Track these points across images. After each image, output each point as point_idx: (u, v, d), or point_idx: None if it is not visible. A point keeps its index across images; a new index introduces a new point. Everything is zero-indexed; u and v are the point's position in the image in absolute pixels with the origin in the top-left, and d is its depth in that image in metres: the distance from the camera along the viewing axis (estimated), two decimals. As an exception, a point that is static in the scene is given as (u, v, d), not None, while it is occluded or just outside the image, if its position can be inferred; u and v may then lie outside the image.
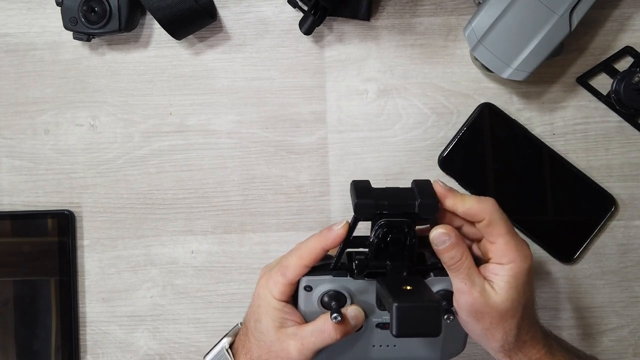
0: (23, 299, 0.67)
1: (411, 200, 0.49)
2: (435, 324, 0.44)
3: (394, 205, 0.49)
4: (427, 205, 0.49)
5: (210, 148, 0.67)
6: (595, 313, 0.66)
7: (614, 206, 0.65)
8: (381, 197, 0.49)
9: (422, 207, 0.49)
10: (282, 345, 0.52)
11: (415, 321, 0.44)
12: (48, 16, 0.67)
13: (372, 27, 0.66)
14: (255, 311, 0.54)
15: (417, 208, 0.49)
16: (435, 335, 0.44)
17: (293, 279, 0.52)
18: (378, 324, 0.53)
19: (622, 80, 0.63)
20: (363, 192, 0.50)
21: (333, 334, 0.51)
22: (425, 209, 0.49)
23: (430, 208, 0.49)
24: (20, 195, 0.68)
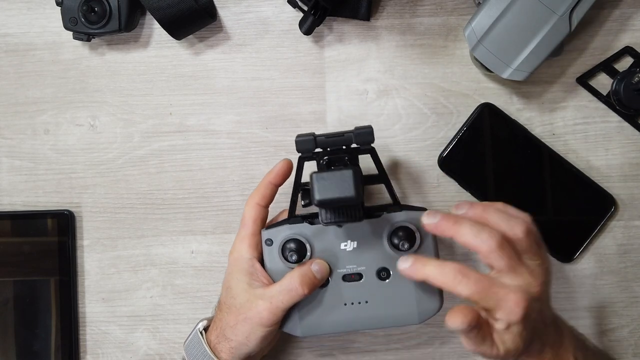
0: (23, 299, 0.67)
1: (348, 132, 0.52)
2: (351, 186, 0.47)
3: (331, 137, 0.52)
4: (362, 134, 0.51)
5: (210, 148, 0.67)
6: (595, 313, 0.66)
7: (614, 206, 0.65)
8: (320, 135, 0.52)
9: (357, 136, 0.52)
10: (251, 306, 0.53)
11: (333, 186, 0.47)
12: (48, 16, 0.67)
13: (372, 27, 0.66)
14: (226, 280, 0.57)
15: (354, 138, 0.52)
16: (353, 199, 0.47)
17: (252, 224, 0.56)
18: (344, 276, 0.55)
19: (622, 80, 0.63)
20: (303, 135, 0.53)
21: (300, 289, 0.53)
22: (360, 137, 0.52)
23: (366, 135, 0.52)
24: (20, 195, 0.68)
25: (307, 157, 0.54)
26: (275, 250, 0.55)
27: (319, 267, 0.54)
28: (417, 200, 0.66)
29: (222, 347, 0.55)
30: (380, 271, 0.54)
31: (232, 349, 0.55)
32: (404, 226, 0.54)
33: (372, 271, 0.54)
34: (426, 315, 0.55)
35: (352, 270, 0.54)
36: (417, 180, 0.66)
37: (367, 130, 0.52)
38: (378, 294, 0.54)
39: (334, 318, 0.55)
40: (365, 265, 0.54)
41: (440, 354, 0.66)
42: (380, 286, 0.54)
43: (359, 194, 0.47)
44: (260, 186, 0.57)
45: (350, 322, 0.55)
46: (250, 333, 0.54)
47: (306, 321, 0.55)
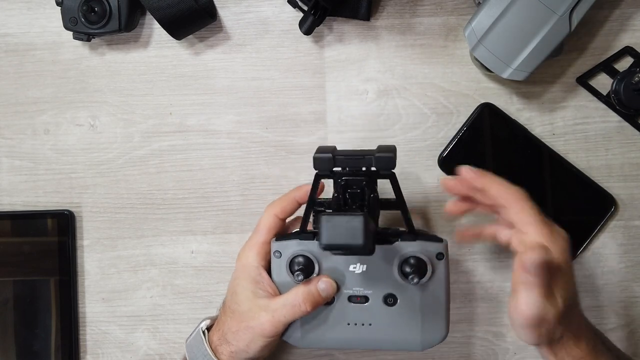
0: (23, 299, 0.67)
1: (368, 155, 0.50)
2: (360, 234, 0.45)
3: (351, 157, 0.50)
4: (383, 159, 0.49)
5: (210, 148, 0.67)
6: (595, 313, 0.66)
7: (614, 206, 0.65)
8: (340, 154, 0.51)
9: (378, 160, 0.49)
10: (254, 315, 0.53)
11: (342, 230, 0.45)
12: (48, 16, 0.67)
13: (372, 27, 0.66)
14: (232, 284, 0.56)
15: (374, 162, 0.50)
16: (361, 248, 0.45)
17: (265, 233, 0.55)
18: (350, 297, 0.54)
19: (622, 80, 0.63)
20: (323, 150, 0.51)
21: (303, 306, 0.52)
22: (381, 161, 0.49)
23: (387, 161, 0.49)
24: (20, 195, 0.68)
25: (324, 175, 0.52)
26: (284, 263, 0.54)
27: (325, 286, 0.53)
28: (417, 200, 0.66)
29: (223, 350, 0.55)
30: (387, 297, 0.53)
31: (232, 353, 0.55)
32: (416, 257, 0.52)
33: (378, 296, 0.53)
34: (430, 343, 0.54)
35: (358, 292, 0.53)
36: (417, 180, 0.66)
37: (388, 156, 0.49)
38: (382, 318, 0.53)
39: (336, 335, 0.55)
40: (373, 289, 0.53)
41: (440, 353, 0.66)
42: (385, 311, 0.53)
43: (367, 243, 0.45)
44: (284, 199, 0.56)
45: (352, 341, 0.55)
46: (251, 342, 0.54)
47: (308, 334, 0.55)
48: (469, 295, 0.66)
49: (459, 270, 0.66)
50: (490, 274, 0.66)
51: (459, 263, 0.66)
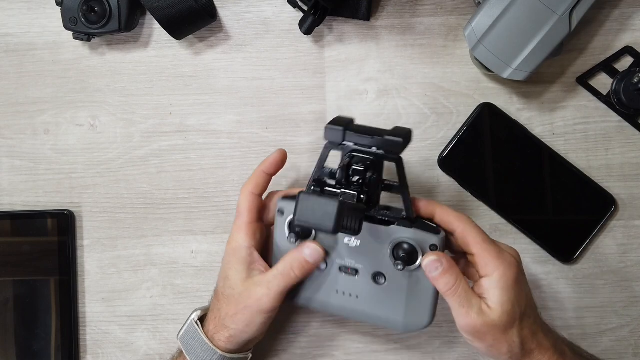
0: (23, 299, 0.67)
1: (379, 135, 0.50)
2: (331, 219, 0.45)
3: (361, 134, 0.50)
4: (390, 142, 0.49)
5: (210, 148, 0.67)
6: (595, 313, 0.66)
7: (614, 206, 0.65)
8: (353, 128, 0.51)
9: (385, 143, 0.49)
10: (250, 294, 0.54)
11: (315, 211, 0.45)
12: (48, 16, 0.67)
13: (372, 27, 0.66)
14: (224, 270, 0.57)
15: (382, 143, 0.50)
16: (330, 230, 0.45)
17: (247, 213, 0.56)
18: (341, 266, 0.54)
19: (622, 80, 0.63)
20: (338, 121, 0.51)
21: (293, 272, 0.53)
22: (388, 144, 0.49)
23: (393, 145, 0.49)
24: (20, 195, 0.68)
25: (333, 147, 0.53)
26: (284, 223, 0.55)
27: (309, 252, 0.53)
28: (417, 200, 0.66)
29: (220, 337, 0.56)
30: (376, 275, 0.54)
31: (230, 337, 0.55)
32: (408, 243, 0.52)
33: (368, 272, 0.54)
34: (413, 327, 0.54)
35: (349, 264, 0.54)
36: (417, 180, 0.66)
37: (395, 141, 0.49)
38: (369, 294, 0.54)
39: (325, 299, 0.56)
40: (363, 264, 0.54)
41: (440, 353, 0.66)
42: (373, 287, 0.54)
43: (337, 228, 0.45)
44: (254, 175, 0.58)
45: (338, 308, 0.56)
46: (250, 321, 0.54)
47: (301, 293, 0.56)
48: (469, 295, 0.66)
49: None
50: (490, 274, 0.66)
51: (459, 263, 0.66)
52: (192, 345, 0.57)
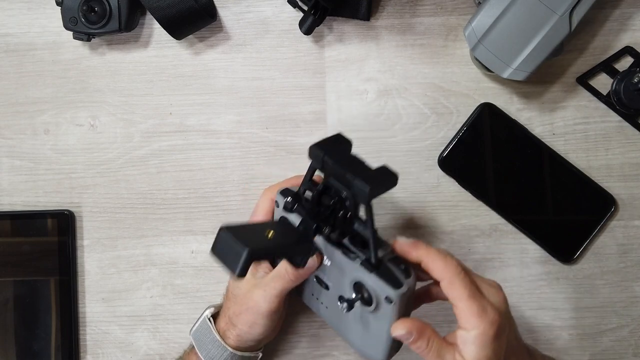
0: (23, 299, 0.67)
1: (351, 176, 0.47)
2: (236, 264, 0.45)
3: (336, 171, 0.48)
4: (358, 190, 0.46)
5: (210, 148, 0.67)
6: (595, 313, 0.66)
7: (614, 206, 0.65)
8: (329, 161, 0.48)
9: (354, 187, 0.46)
10: (251, 295, 0.55)
11: (225, 251, 0.46)
12: (48, 16, 0.67)
13: (372, 27, 0.66)
14: None
15: (351, 190, 0.47)
16: (234, 273, 0.45)
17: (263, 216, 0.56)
18: (316, 277, 0.54)
19: (622, 80, 0.63)
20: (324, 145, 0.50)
21: (287, 275, 0.53)
22: (355, 190, 0.47)
23: (360, 195, 0.46)
24: (20, 195, 0.68)
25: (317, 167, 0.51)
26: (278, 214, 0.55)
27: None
28: (417, 200, 0.66)
29: (229, 334, 0.56)
30: (341, 297, 0.52)
31: (238, 336, 0.56)
32: (366, 288, 0.50)
33: (335, 292, 0.53)
34: (369, 356, 0.53)
35: (322, 277, 0.54)
36: (417, 180, 0.66)
37: (362, 191, 0.46)
38: (335, 310, 0.54)
39: (308, 299, 0.57)
40: (332, 283, 0.53)
41: (440, 354, 0.66)
42: (337, 306, 0.52)
43: (243, 273, 0.45)
44: (282, 182, 0.58)
45: (316, 312, 0.56)
46: (253, 322, 0.55)
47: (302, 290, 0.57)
48: (469, 295, 0.66)
49: (459, 270, 0.66)
50: (489, 274, 0.66)
51: (459, 263, 0.66)
52: (203, 341, 0.57)
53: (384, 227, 0.66)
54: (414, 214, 0.66)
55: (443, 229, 0.66)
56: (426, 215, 0.66)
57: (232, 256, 0.45)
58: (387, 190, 0.48)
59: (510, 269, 0.66)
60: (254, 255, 0.45)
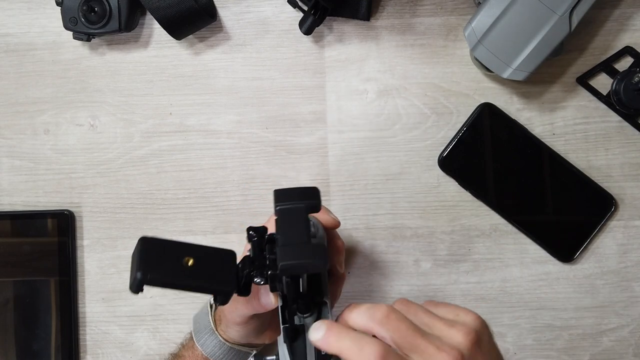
0: (23, 299, 0.67)
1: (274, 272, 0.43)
2: (132, 279, 0.41)
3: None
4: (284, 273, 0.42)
5: (210, 148, 0.67)
6: (595, 313, 0.66)
7: (614, 206, 0.65)
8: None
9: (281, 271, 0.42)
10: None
11: (133, 259, 0.42)
12: (48, 16, 0.67)
13: (372, 27, 0.66)
14: None
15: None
16: (129, 285, 0.41)
17: None
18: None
19: (622, 80, 0.63)
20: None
21: (250, 304, 0.49)
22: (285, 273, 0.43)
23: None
24: (20, 195, 0.68)
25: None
26: None
27: (263, 290, 0.50)
28: (417, 200, 0.66)
29: (221, 322, 0.55)
30: None
31: (226, 325, 0.55)
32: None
33: None
34: None
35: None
36: (417, 180, 0.66)
37: (286, 280, 0.43)
38: None
39: None
40: None
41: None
42: None
43: (135, 291, 0.41)
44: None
45: None
46: (234, 311, 0.52)
47: None
48: (468, 295, 0.66)
49: (460, 270, 0.66)
50: (489, 274, 0.66)
51: (459, 263, 0.66)
52: (199, 325, 0.57)
53: (384, 227, 0.66)
54: (414, 214, 0.66)
55: (443, 229, 0.66)
56: (426, 215, 0.66)
57: (134, 269, 0.41)
58: (307, 271, 0.43)
59: (510, 269, 0.66)
60: (149, 282, 0.41)
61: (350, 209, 0.67)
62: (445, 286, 0.66)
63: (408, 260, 0.67)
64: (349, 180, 0.67)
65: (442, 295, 0.66)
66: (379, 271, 0.67)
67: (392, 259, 0.67)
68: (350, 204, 0.67)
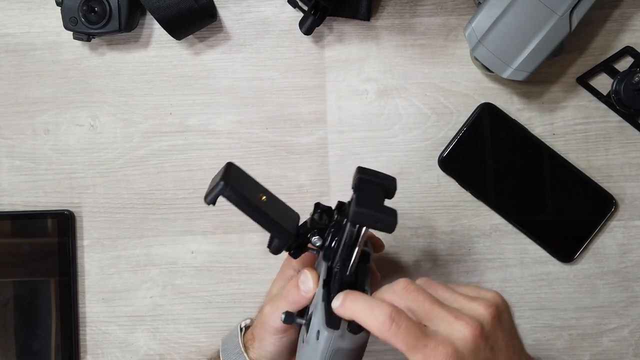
0: (23, 299, 0.67)
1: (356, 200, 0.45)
2: (210, 192, 0.45)
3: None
4: (350, 211, 0.44)
5: (210, 148, 0.67)
6: (595, 313, 0.66)
7: (614, 206, 0.65)
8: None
9: (350, 209, 0.44)
10: (263, 309, 0.53)
11: (215, 178, 0.46)
12: (48, 16, 0.67)
13: (372, 27, 0.66)
14: (274, 280, 0.56)
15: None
16: (204, 198, 0.45)
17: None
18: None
19: (622, 80, 0.63)
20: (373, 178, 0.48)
21: (291, 297, 0.50)
22: (349, 211, 0.45)
23: (350, 214, 0.44)
24: (20, 195, 0.68)
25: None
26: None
27: (303, 277, 0.50)
28: (417, 200, 0.66)
29: (251, 346, 0.55)
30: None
31: (256, 349, 0.55)
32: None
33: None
34: None
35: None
36: (417, 180, 0.66)
37: (351, 213, 0.44)
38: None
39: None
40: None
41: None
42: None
43: (210, 201, 0.45)
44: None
45: None
46: (264, 338, 0.53)
47: None
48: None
49: (460, 270, 0.66)
50: (489, 274, 0.66)
51: (459, 263, 0.66)
52: (228, 347, 0.57)
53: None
54: (414, 214, 0.66)
55: (443, 229, 0.66)
56: (426, 215, 0.66)
57: (216, 181, 0.45)
58: (376, 225, 0.43)
59: (510, 269, 0.66)
60: (229, 193, 0.44)
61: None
62: (445, 286, 0.66)
63: (408, 260, 0.67)
64: (349, 180, 0.66)
65: (442, 295, 0.66)
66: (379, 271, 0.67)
67: (392, 259, 0.67)
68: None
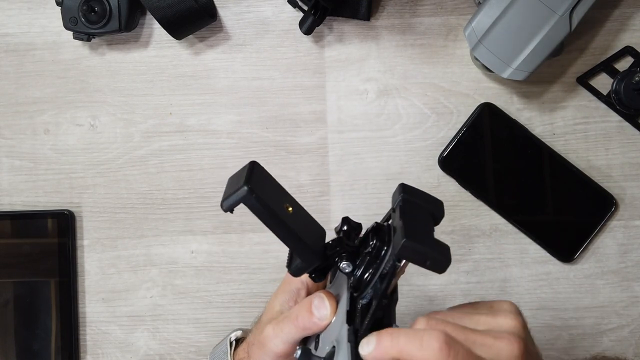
0: (23, 300, 0.67)
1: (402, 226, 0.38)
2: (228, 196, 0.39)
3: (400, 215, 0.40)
4: (395, 239, 0.38)
5: (210, 148, 0.67)
6: (595, 313, 0.66)
7: (614, 206, 0.65)
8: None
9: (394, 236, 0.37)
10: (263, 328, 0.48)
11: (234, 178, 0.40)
12: (48, 16, 0.67)
13: (372, 27, 0.66)
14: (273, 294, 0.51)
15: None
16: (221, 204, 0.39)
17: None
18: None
19: (622, 80, 0.63)
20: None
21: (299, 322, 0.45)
22: (393, 239, 0.38)
23: (394, 245, 0.38)
24: (20, 195, 0.68)
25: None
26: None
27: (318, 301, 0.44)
28: (417, 200, 0.66)
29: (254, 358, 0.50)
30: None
31: None
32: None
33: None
34: None
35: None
36: (417, 180, 0.66)
37: (397, 244, 0.37)
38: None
39: None
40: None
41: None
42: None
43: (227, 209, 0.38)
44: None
45: None
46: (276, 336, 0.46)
47: None
48: (468, 295, 0.66)
49: (460, 270, 0.66)
50: (490, 274, 0.66)
51: (460, 263, 0.66)
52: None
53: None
54: (414, 214, 0.66)
55: (443, 229, 0.66)
56: (426, 215, 0.66)
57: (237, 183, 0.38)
58: (426, 263, 0.38)
59: (510, 269, 0.66)
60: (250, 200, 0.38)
61: (350, 209, 0.67)
62: (445, 286, 0.66)
63: (408, 260, 0.67)
64: (349, 180, 0.67)
65: (442, 295, 0.66)
66: (379, 271, 0.67)
67: (392, 259, 0.67)
68: (351, 204, 0.67)
